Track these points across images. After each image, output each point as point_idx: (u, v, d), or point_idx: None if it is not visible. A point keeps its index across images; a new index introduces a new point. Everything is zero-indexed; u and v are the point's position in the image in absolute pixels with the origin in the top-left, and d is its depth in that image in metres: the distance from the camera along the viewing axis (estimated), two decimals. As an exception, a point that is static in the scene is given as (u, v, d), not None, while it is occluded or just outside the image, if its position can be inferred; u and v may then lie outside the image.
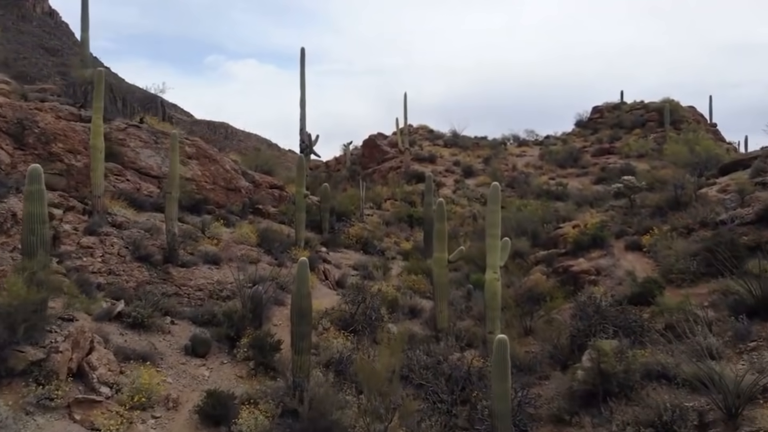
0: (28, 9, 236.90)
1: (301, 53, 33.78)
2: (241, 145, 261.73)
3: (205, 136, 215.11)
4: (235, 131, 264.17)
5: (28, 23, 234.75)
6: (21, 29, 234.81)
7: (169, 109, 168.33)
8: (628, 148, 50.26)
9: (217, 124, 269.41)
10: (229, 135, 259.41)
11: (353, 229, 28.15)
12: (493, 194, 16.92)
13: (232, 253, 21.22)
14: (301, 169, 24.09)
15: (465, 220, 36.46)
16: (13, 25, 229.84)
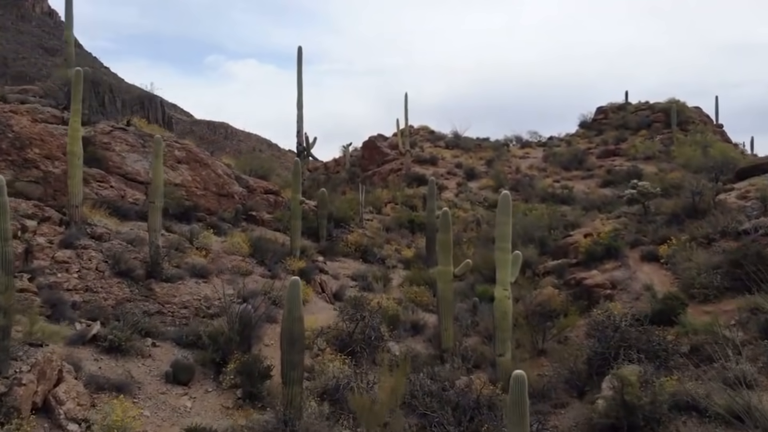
0: (28, 9, 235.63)
1: (298, 52, 32.36)
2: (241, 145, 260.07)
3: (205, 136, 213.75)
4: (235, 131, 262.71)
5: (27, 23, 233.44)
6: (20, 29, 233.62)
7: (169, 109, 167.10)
8: (635, 149, 48.79)
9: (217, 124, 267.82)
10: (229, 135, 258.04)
11: (352, 236, 26.70)
12: (504, 204, 15.48)
13: (222, 264, 19.77)
14: (297, 174, 22.63)
15: (468, 225, 35.00)
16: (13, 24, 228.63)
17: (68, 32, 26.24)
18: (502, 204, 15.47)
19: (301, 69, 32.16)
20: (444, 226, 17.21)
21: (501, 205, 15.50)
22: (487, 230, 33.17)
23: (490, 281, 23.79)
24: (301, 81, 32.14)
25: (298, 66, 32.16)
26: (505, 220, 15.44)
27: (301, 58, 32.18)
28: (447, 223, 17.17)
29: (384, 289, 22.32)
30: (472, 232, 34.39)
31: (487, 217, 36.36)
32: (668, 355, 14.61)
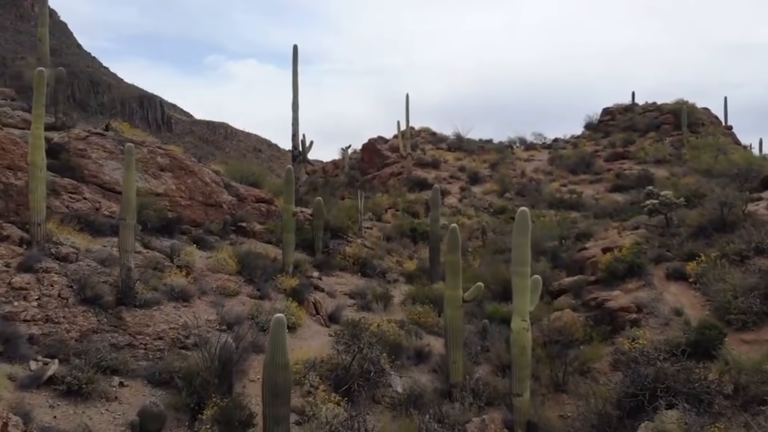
0: (26, 8, 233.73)
1: (294, 51, 30.29)
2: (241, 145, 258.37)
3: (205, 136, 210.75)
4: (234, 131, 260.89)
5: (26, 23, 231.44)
6: (19, 29, 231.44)
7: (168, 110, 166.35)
8: (644, 152, 46.80)
9: (216, 125, 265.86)
10: (228, 135, 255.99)
11: (350, 248, 24.68)
12: (521, 223, 13.46)
13: (206, 285, 17.76)
14: (290, 183, 20.61)
15: (473, 233, 32.99)
16: (11, 24, 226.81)
17: (42, 30, 24.22)
18: (520, 223, 13.46)
19: (296, 69, 30.12)
20: (452, 244, 15.20)
21: (518, 224, 13.49)
22: (494, 239, 31.22)
23: (500, 299, 21.87)
24: (296, 81, 30.10)
25: (294, 66, 30.12)
26: (523, 242, 13.42)
27: (296, 57, 30.14)
28: (455, 241, 15.16)
29: (384, 309, 20.31)
30: (477, 241, 32.41)
31: (492, 225, 34.40)
32: (711, 397, 12.64)
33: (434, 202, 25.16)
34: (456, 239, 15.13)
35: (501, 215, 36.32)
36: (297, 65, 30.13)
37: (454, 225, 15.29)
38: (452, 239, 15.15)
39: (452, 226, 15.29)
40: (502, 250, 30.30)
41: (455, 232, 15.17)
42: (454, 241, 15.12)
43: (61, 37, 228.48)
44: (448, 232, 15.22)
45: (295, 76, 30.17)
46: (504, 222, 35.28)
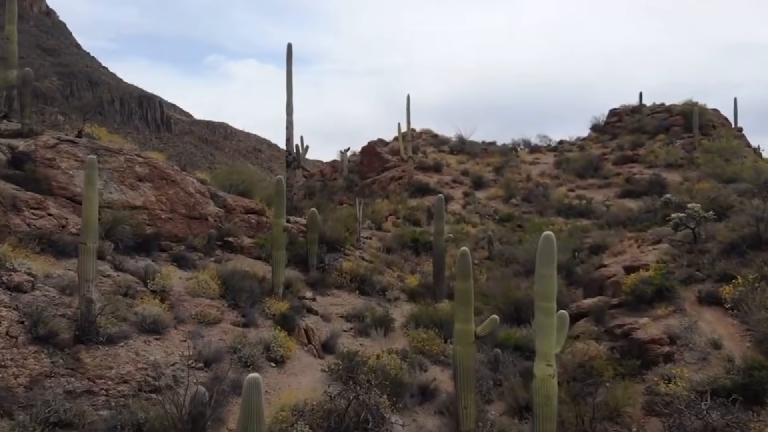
0: (25, 8, 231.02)
1: (288, 50, 28.17)
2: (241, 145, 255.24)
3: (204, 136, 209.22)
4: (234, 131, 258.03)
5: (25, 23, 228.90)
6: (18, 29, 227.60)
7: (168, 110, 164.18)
8: (654, 156, 44.74)
9: (216, 125, 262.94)
10: (228, 135, 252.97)
11: (347, 264, 22.62)
12: (546, 250, 11.36)
13: (184, 312, 15.69)
14: (281, 195, 18.52)
15: (479, 243, 30.94)
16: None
17: (11, 27, 22.20)
18: (544, 250, 11.35)
19: (290, 68, 28.01)
20: (463, 270, 13.09)
21: (543, 251, 11.38)
22: (501, 250, 29.15)
23: (512, 321, 19.83)
24: (290, 82, 27.98)
25: (288, 65, 28.01)
26: (548, 272, 11.31)
27: (290, 56, 28.04)
28: (466, 267, 13.05)
29: (384, 334, 18.25)
30: (483, 251, 30.37)
31: (499, 233, 32.33)
32: (772, 459, 10.57)
33: (438, 213, 23.09)
34: (467, 265, 13.04)
35: (507, 223, 34.25)
36: (291, 65, 28.03)
37: (465, 249, 13.16)
38: (463, 265, 13.05)
39: (463, 250, 13.18)
40: (510, 262, 28.30)
41: (466, 257, 13.06)
42: (464, 267, 13.03)
43: (60, 36, 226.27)
44: (459, 257, 13.13)
45: (289, 76, 28.06)
46: (511, 230, 33.26)
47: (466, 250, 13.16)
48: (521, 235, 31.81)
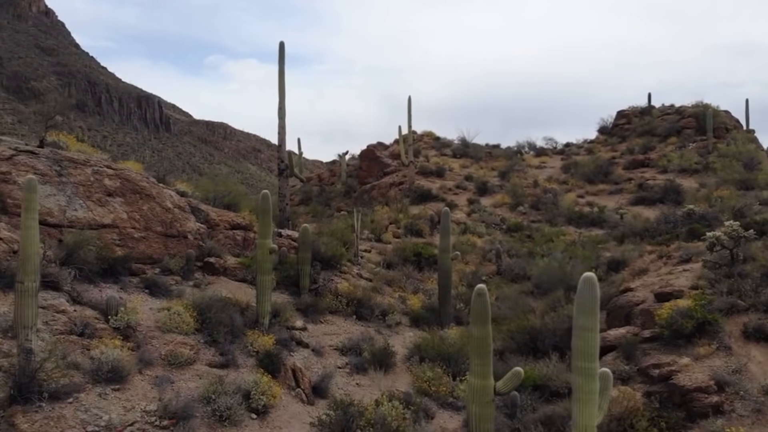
0: (24, 8, 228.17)
1: (280, 49, 25.83)
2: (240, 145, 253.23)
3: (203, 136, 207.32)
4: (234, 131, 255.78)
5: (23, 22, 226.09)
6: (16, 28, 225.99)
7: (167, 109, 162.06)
8: (667, 160, 42.40)
9: (216, 125, 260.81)
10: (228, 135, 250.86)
11: (343, 285, 20.30)
12: (587, 295, 9.05)
13: (151, 352, 13.38)
14: (267, 213, 16.19)
15: (486, 255, 28.61)
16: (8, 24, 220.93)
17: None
18: (585, 295, 9.03)
19: (283, 68, 25.66)
20: (480, 314, 10.74)
21: (582, 296, 9.07)
22: (510, 265, 26.81)
23: (527, 353, 17.51)
24: (283, 83, 25.64)
25: (280, 65, 25.68)
26: (590, 324, 9.00)
27: (283, 55, 25.70)
28: (484, 310, 10.69)
29: (385, 372, 15.93)
30: (491, 265, 28.04)
31: (507, 245, 29.99)
32: None
33: (444, 228, 20.75)
34: (484, 307, 10.69)
35: (516, 233, 31.91)
36: (284, 64, 25.69)
37: (483, 287, 10.82)
38: (479, 307, 10.69)
39: (479, 289, 10.81)
40: (520, 278, 26.01)
41: (483, 298, 10.69)
42: (481, 310, 10.68)
43: (59, 36, 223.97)
44: (475, 296, 10.79)
45: (281, 76, 25.71)
46: (519, 241, 30.93)
47: (483, 288, 10.81)
48: (530, 246, 29.52)
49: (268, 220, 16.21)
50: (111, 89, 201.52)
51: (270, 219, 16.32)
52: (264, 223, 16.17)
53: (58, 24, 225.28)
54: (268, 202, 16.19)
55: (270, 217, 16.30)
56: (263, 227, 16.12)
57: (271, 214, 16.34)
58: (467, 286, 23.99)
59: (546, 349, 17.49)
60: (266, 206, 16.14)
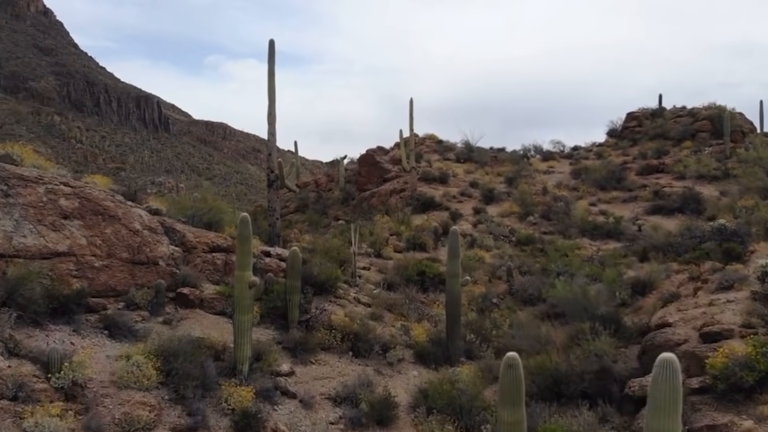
0: (22, 8, 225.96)
1: (270, 48, 23.26)
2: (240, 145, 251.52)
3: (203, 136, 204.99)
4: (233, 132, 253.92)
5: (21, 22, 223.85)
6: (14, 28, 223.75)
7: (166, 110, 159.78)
8: (683, 166, 39.82)
9: (215, 125, 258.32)
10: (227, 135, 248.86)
11: (338, 316, 17.75)
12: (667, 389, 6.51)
13: (102, 416, 10.89)
14: (246, 239, 13.66)
15: (495, 272, 26.05)
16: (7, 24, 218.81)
17: None
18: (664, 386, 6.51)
19: (273, 69, 23.10)
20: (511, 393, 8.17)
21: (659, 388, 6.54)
22: (523, 284, 24.24)
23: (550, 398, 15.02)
24: (273, 85, 23.07)
25: (270, 65, 23.13)
26: (670, 428, 6.47)
27: (273, 55, 23.14)
28: (517, 386, 8.14)
29: (386, 427, 13.42)
30: (501, 283, 25.51)
31: (518, 260, 27.43)
32: None
33: (452, 251, 18.21)
34: (517, 383, 8.15)
35: (526, 246, 29.35)
36: (274, 64, 23.13)
37: (515, 357, 8.27)
38: (511, 382, 8.14)
39: (510, 358, 8.24)
40: (534, 300, 23.49)
41: (517, 370, 8.14)
42: (513, 387, 8.14)
43: (57, 36, 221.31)
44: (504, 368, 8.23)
45: (271, 78, 23.16)
46: (531, 256, 28.36)
47: (515, 358, 8.27)
48: (544, 262, 26.89)
49: (248, 248, 13.69)
50: (109, 89, 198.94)
51: (250, 247, 13.80)
52: (243, 251, 13.66)
53: (56, 24, 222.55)
54: (247, 227, 13.66)
55: (250, 245, 13.78)
56: (242, 257, 13.61)
57: (251, 240, 13.83)
58: (477, 311, 21.50)
59: (572, 394, 15.04)
60: (245, 232, 13.62)
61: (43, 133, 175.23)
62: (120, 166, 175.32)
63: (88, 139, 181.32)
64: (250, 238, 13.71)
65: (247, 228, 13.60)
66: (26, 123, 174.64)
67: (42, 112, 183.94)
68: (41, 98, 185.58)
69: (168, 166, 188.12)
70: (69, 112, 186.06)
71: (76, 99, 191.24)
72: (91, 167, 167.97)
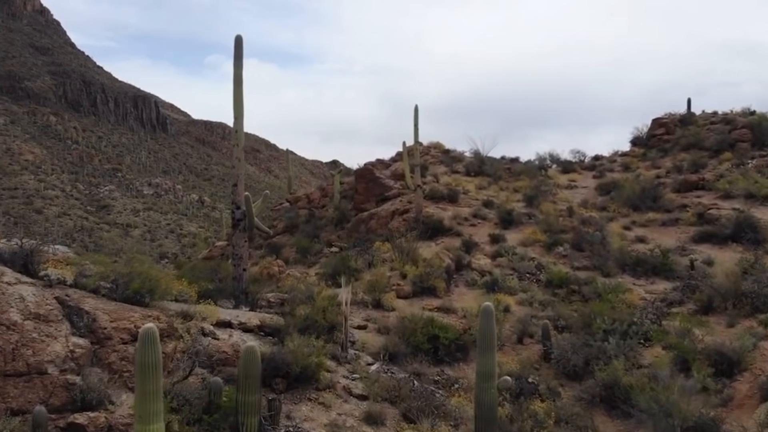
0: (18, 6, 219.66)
1: (236, 44, 17.46)
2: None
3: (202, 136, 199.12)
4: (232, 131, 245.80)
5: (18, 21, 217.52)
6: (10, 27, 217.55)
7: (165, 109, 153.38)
8: (727, 182, 33.96)
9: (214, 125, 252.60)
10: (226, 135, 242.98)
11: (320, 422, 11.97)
12: None
13: None
14: (150, 374, 7.88)
15: (526, 329, 20.24)
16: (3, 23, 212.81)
17: None
18: None
19: (240, 73, 17.30)
20: None
21: None
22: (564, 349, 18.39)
23: None
24: (240, 98, 17.30)
25: (236, 68, 17.33)
26: None
27: (240, 53, 17.33)
28: None
29: None
30: (533, 345, 19.73)
31: (553, 310, 21.66)
32: None
33: (486, 340, 12.35)
34: None
35: (560, 289, 23.56)
36: (241, 68, 17.29)
37: None
38: None
39: None
40: (579, 373, 17.75)
41: None
42: None
43: (54, 35, 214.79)
44: None
45: (238, 86, 17.33)
46: (565, 302, 22.60)
47: None
48: (583, 310, 21.04)
49: (154, 385, 7.87)
50: (107, 89, 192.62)
51: (159, 385, 7.99)
52: (144, 392, 7.83)
53: (53, 23, 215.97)
54: (152, 348, 7.83)
55: (157, 381, 7.96)
56: (143, 401, 7.79)
57: (158, 372, 8.00)
58: (511, 399, 15.65)
59: None
60: (149, 358, 7.79)
61: (39, 133, 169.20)
62: (116, 167, 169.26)
63: (84, 139, 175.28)
64: (158, 369, 7.90)
65: (153, 351, 7.80)
66: (21, 123, 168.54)
67: (38, 112, 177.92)
68: (37, 98, 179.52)
69: (165, 167, 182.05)
70: (65, 112, 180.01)
71: (73, 99, 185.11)
72: (86, 168, 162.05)
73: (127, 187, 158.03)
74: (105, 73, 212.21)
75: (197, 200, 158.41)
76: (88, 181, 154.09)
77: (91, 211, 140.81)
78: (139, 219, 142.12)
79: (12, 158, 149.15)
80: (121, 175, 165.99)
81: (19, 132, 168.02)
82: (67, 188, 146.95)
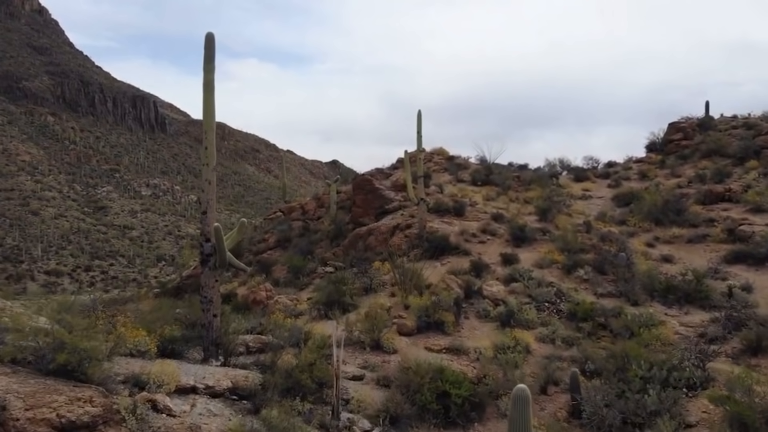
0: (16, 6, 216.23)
1: (207, 44, 14.38)
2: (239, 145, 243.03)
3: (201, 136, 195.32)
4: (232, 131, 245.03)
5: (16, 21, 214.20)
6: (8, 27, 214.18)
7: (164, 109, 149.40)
8: (756, 194, 30.88)
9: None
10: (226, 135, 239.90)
11: None
12: None
13: None
14: None
15: (550, 377, 17.12)
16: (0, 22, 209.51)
17: None
18: None
19: (211, 78, 14.25)
20: None
21: None
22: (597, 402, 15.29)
23: None
24: (211, 102, 14.23)
25: (207, 65, 14.28)
26: None
27: (212, 55, 14.28)
28: None
29: None
30: (558, 394, 16.63)
31: (579, 349, 18.57)
32: None
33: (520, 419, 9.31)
34: None
35: (584, 323, 20.47)
36: (213, 72, 14.21)
37: None
38: None
39: None
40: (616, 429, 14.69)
41: None
42: None
43: (52, 35, 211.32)
44: None
45: (209, 91, 14.23)
46: (592, 339, 19.52)
47: None
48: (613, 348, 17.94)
49: None
50: (105, 89, 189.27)
51: None
52: None
53: (51, 22, 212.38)
54: None
55: None
56: None
57: None
58: None
59: None
60: None
61: (36, 133, 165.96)
62: (114, 167, 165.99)
63: (82, 139, 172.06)
64: None
65: None
66: (19, 123, 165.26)
67: (35, 112, 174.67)
68: (35, 98, 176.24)
69: (164, 167, 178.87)
70: (63, 112, 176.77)
71: (71, 99, 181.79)
72: (84, 169, 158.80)
73: (125, 188, 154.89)
74: (103, 72, 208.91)
75: (196, 201, 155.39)
76: (86, 182, 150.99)
77: (88, 212, 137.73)
78: (137, 220, 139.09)
79: (8, 159, 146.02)
80: (119, 175, 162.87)
81: (17, 132, 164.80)
82: (64, 189, 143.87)
